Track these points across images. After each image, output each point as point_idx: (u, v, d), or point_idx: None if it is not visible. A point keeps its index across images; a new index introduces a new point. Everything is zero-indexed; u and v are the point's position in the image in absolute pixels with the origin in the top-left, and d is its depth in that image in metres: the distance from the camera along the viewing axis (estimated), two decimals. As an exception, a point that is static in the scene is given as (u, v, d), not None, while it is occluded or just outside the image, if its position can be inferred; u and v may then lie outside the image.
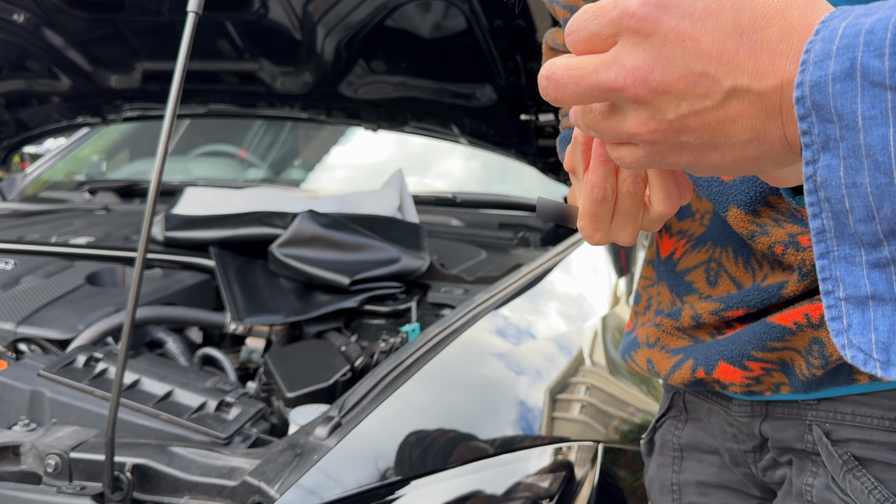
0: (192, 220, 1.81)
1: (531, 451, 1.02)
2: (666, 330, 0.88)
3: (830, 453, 0.77)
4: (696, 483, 0.96)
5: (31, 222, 2.16)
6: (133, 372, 1.19)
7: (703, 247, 0.86)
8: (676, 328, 0.87)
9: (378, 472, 0.94)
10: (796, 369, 0.78)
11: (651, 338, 0.90)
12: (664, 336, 0.89)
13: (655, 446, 1.00)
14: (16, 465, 1.02)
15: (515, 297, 1.35)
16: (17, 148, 2.60)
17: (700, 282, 0.86)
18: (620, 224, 0.64)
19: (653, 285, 0.95)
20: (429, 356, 1.11)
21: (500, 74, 1.78)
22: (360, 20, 1.75)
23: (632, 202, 0.62)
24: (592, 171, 0.61)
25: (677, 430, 0.97)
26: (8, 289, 1.50)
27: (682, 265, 0.89)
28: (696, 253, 0.87)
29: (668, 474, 0.98)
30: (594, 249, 1.78)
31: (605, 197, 0.61)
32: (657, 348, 0.90)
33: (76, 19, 1.92)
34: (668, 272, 0.91)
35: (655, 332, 0.90)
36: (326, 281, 1.57)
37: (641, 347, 0.92)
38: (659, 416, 1.00)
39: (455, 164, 2.70)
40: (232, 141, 3.04)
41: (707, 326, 0.84)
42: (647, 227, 0.65)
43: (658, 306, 0.92)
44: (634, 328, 0.96)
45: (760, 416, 0.84)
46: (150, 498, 0.95)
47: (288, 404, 1.20)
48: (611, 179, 0.61)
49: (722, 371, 0.81)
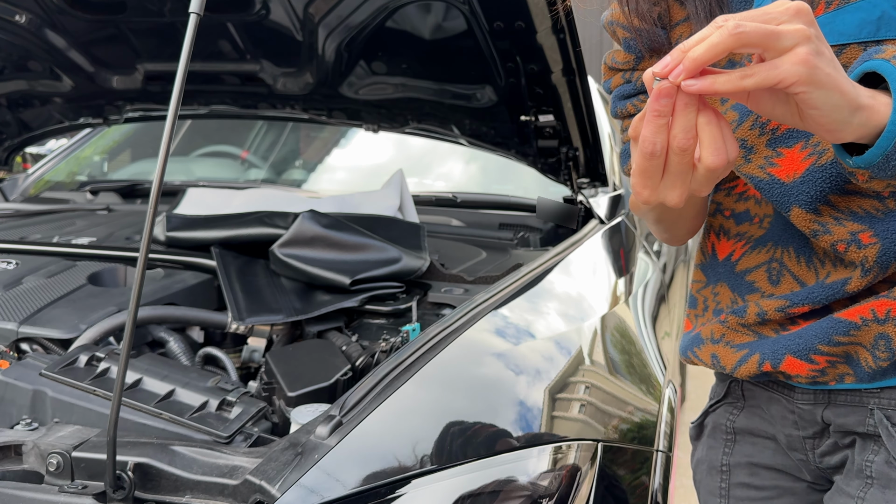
0: (193, 221, 1.81)
1: (531, 450, 1.02)
2: (731, 326, 0.93)
3: (891, 434, 0.84)
4: (747, 464, 1.00)
5: (33, 222, 2.17)
6: (135, 371, 1.19)
7: (763, 248, 0.91)
8: (741, 324, 0.92)
9: (379, 470, 0.94)
10: (861, 361, 0.83)
11: (715, 334, 0.94)
12: (729, 332, 0.93)
13: (706, 430, 1.06)
14: (18, 465, 1.02)
15: (515, 297, 1.36)
16: (19, 148, 2.60)
17: (762, 281, 0.91)
18: (669, 183, 0.69)
19: (705, 287, 0.99)
20: (429, 356, 1.11)
21: (500, 75, 1.78)
22: (361, 21, 1.76)
23: (680, 159, 0.66)
24: (646, 125, 0.66)
25: (732, 416, 1.02)
26: (10, 289, 1.50)
27: (742, 266, 0.93)
28: (755, 254, 0.92)
29: (719, 455, 1.03)
30: (594, 250, 1.78)
31: (655, 152, 0.66)
32: (722, 343, 0.94)
33: (78, 20, 1.92)
34: (728, 273, 0.95)
35: (720, 328, 0.94)
36: (327, 281, 1.58)
37: (705, 343, 0.96)
38: (713, 403, 1.05)
39: (455, 164, 2.70)
40: (233, 142, 3.05)
41: (772, 322, 0.89)
42: (696, 189, 0.69)
43: (717, 306, 0.97)
44: (695, 328, 1.00)
45: (823, 404, 0.89)
46: (152, 497, 0.96)
47: (289, 403, 1.21)
48: (662, 135, 0.66)
49: (789, 364, 0.86)
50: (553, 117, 1.86)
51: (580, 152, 1.95)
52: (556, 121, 1.87)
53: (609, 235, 1.94)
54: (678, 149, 0.66)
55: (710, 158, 0.66)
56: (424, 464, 0.96)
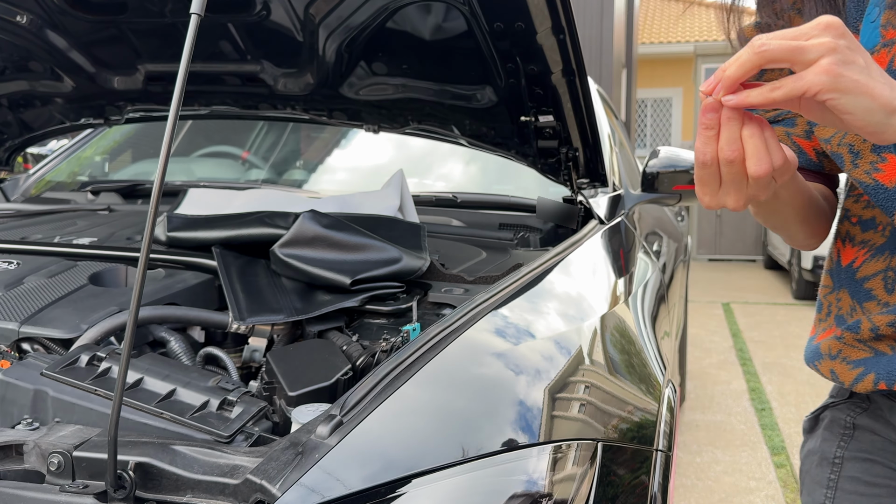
0: (194, 221, 1.81)
1: (531, 450, 1.03)
2: (847, 342, 0.95)
3: None
4: (863, 459, 1.01)
5: (34, 222, 2.17)
6: (136, 371, 1.20)
7: (881, 256, 0.94)
8: (857, 339, 0.94)
9: (379, 469, 0.94)
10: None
11: (833, 350, 0.98)
12: (845, 348, 0.96)
13: (822, 423, 1.08)
14: (19, 464, 1.03)
15: (515, 297, 1.36)
16: (20, 149, 2.60)
17: (878, 289, 0.93)
18: (725, 190, 0.78)
19: (832, 292, 1.02)
20: (429, 356, 1.11)
21: (500, 76, 1.78)
22: (362, 22, 1.76)
23: (730, 170, 0.76)
24: (697, 137, 0.77)
25: (852, 413, 1.04)
26: (11, 289, 1.50)
27: (862, 273, 0.96)
28: (874, 262, 0.95)
29: (833, 448, 1.05)
30: (594, 250, 1.79)
31: (706, 162, 0.77)
32: (839, 360, 0.97)
33: (79, 21, 1.92)
34: (849, 279, 0.98)
35: (837, 344, 0.97)
36: (328, 281, 1.58)
37: (824, 358, 0.99)
38: (835, 401, 1.07)
39: (455, 164, 2.70)
40: (234, 142, 3.05)
41: (887, 338, 0.91)
42: (753, 195, 0.78)
43: (839, 312, 0.99)
44: (816, 335, 1.03)
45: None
46: (153, 496, 0.96)
47: (290, 403, 1.21)
48: (710, 146, 0.76)
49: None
50: (553, 118, 1.86)
51: (580, 153, 1.95)
52: (556, 121, 1.87)
53: (609, 236, 1.94)
54: (725, 160, 0.75)
55: (754, 168, 0.74)
56: (424, 464, 0.96)
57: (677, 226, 3.76)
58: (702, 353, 5.69)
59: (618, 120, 4.00)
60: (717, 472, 3.61)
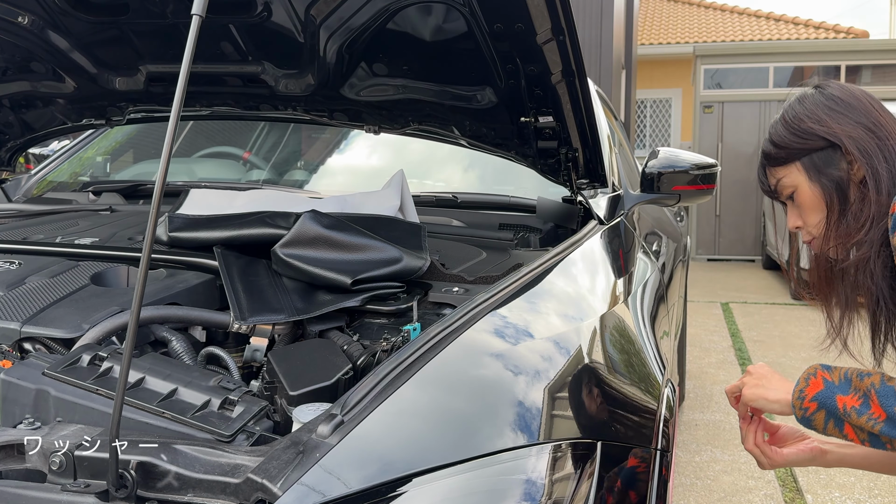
0: (195, 221, 1.82)
1: (530, 450, 1.03)
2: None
3: None
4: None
5: (36, 223, 2.18)
6: (137, 370, 1.20)
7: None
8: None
9: (380, 469, 0.95)
10: None
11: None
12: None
13: None
14: (20, 463, 1.03)
15: (515, 297, 1.36)
16: (22, 149, 2.61)
17: None
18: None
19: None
20: (429, 355, 1.12)
21: (500, 77, 1.79)
22: (363, 23, 1.77)
23: (753, 451, 1.48)
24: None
25: None
26: (13, 288, 1.51)
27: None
28: None
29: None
30: (593, 250, 1.79)
31: (744, 438, 1.49)
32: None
33: (81, 22, 1.93)
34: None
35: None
36: (329, 281, 1.59)
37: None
38: None
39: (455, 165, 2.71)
40: (235, 143, 3.06)
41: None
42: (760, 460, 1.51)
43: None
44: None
45: None
46: (154, 495, 0.96)
47: (291, 402, 1.21)
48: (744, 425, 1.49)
49: None
50: (553, 119, 1.87)
51: (579, 153, 1.96)
52: (556, 122, 1.87)
53: (608, 236, 1.95)
54: (749, 449, 1.49)
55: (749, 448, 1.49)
56: (425, 463, 0.96)
57: (676, 226, 3.77)
58: (701, 353, 5.70)
59: (617, 120, 4.00)
60: (715, 471, 3.61)
